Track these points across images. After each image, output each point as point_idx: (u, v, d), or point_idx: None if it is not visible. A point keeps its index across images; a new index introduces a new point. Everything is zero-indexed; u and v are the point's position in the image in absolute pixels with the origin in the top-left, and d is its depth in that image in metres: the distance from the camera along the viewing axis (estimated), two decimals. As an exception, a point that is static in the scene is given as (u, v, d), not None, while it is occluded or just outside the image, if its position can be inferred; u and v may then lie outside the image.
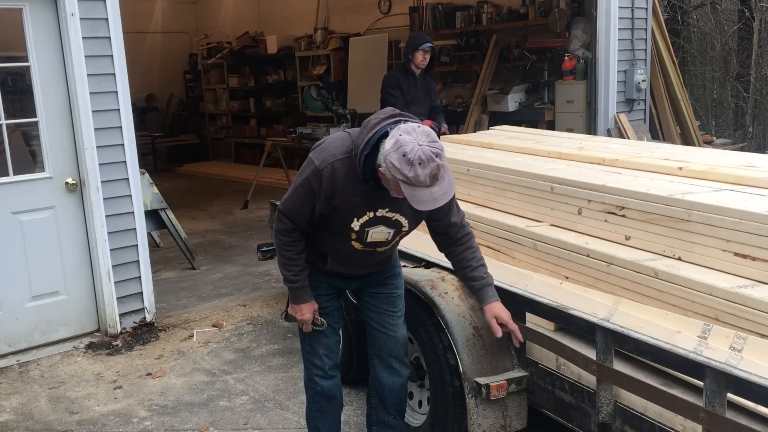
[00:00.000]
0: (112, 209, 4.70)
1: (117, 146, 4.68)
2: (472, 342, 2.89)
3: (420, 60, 5.77)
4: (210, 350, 4.59)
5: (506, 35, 8.78)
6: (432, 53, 5.94)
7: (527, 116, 8.00)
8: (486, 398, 2.78)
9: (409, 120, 2.47)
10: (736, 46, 13.20)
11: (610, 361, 2.45)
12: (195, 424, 3.66)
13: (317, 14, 11.54)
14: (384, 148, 2.36)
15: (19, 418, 3.80)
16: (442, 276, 3.18)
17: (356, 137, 2.52)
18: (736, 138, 11.59)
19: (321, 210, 2.58)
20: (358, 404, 3.76)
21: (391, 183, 2.39)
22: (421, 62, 5.78)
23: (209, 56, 13.45)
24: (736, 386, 2.04)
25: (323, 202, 2.56)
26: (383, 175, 2.38)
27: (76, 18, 4.40)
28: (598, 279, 2.88)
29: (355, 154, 2.48)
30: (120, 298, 4.81)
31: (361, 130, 2.52)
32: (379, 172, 2.40)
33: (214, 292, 5.79)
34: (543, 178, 3.33)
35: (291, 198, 2.64)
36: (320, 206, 2.57)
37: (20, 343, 4.60)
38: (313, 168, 2.53)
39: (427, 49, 5.83)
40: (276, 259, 2.90)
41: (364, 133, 2.46)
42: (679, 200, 2.69)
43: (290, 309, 2.84)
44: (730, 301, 2.38)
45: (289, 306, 2.85)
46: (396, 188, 2.38)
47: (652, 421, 2.39)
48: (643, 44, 7.42)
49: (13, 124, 4.51)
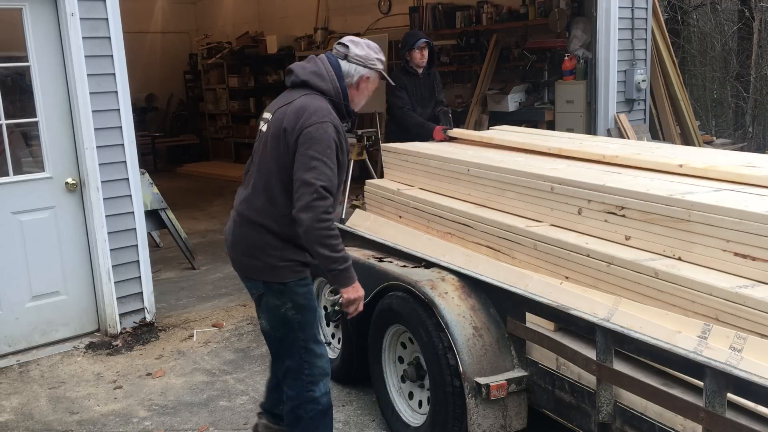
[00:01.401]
0: (112, 209, 4.70)
1: (117, 146, 4.68)
2: (472, 342, 2.89)
3: (419, 58, 5.64)
4: (210, 350, 4.59)
5: (506, 35, 8.79)
6: (430, 48, 5.77)
7: (527, 116, 8.01)
8: (486, 398, 2.78)
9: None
10: (736, 46, 13.21)
11: (610, 361, 2.45)
12: (195, 424, 3.66)
13: (317, 14, 11.54)
14: (349, 63, 2.83)
15: (19, 418, 3.80)
16: (442, 276, 3.18)
17: (324, 88, 2.79)
18: (736, 138, 11.59)
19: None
20: (358, 404, 3.76)
21: (365, 90, 2.81)
22: (420, 60, 5.66)
23: (209, 56, 13.45)
24: (736, 386, 2.04)
25: (338, 158, 2.68)
26: (359, 85, 2.77)
27: (76, 18, 4.41)
28: (598, 279, 2.88)
29: (335, 100, 2.77)
30: (120, 298, 4.81)
31: (319, 79, 2.81)
32: (353, 90, 2.76)
33: (214, 292, 5.79)
34: (543, 178, 3.33)
35: (324, 169, 2.57)
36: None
37: (20, 343, 4.60)
38: (326, 124, 2.63)
39: (423, 45, 5.66)
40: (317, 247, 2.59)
41: (327, 75, 2.81)
42: (679, 200, 2.69)
43: (348, 293, 2.63)
44: (730, 301, 2.38)
45: (342, 295, 2.65)
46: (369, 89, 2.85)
47: (652, 421, 2.39)
48: (643, 44, 7.42)
49: (13, 124, 4.52)
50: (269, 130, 2.81)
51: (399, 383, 3.42)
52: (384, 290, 3.35)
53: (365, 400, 3.77)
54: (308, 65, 2.89)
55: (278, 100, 2.93)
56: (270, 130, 2.81)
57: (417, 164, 4.35)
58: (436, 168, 4.13)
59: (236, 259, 2.88)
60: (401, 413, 3.35)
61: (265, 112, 2.94)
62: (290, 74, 2.93)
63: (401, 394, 3.40)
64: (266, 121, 2.87)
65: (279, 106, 2.86)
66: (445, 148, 4.50)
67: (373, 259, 3.62)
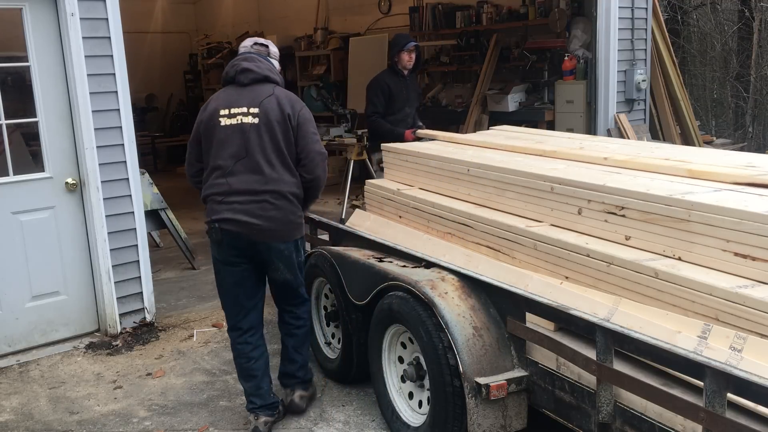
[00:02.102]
0: (112, 209, 4.70)
1: (117, 146, 4.68)
2: (472, 342, 2.89)
3: (407, 60, 5.84)
4: (210, 350, 4.59)
5: (506, 35, 8.79)
6: (417, 51, 5.99)
7: (527, 116, 8.01)
8: (486, 398, 2.78)
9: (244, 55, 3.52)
10: (736, 46, 13.21)
11: (610, 361, 2.45)
12: (195, 424, 3.66)
13: (317, 14, 11.54)
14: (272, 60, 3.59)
15: (19, 418, 3.80)
16: (442, 276, 3.18)
17: (279, 81, 3.50)
18: (736, 138, 11.59)
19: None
20: (358, 404, 3.76)
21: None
22: (408, 62, 5.85)
23: (209, 56, 13.46)
24: (736, 386, 2.04)
25: None
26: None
27: (76, 18, 4.41)
28: (598, 279, 2.88)
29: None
30: (120, 298, 4.81)
31: (275, 75, 3.49)
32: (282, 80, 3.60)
33: (214, 292, 5.73)
34: (543, 178, 3.33)
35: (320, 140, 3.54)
36: None
37: (20, 343, 4.60)
38: (306, 107, 3.48)
39: (412, 48, 5.87)
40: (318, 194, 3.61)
41: (275, 70, 3.53)
42: (679, 200, 2.69)
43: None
44: (730, 301, 2.38)
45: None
46: None
47: (652, 421, 2.39)
48: (643, 44, 7.42)
49: (13, 124, 4.51)
50: (261, 119, 3.33)
51: (399, 383, 3.42)
52: (384, 290, 3.34)
53: (365, 400, 3.77)
54: (261, 64, 3.48)
55: (243, 95, 3.39)
56: (263, 120, 3.33)
57: (417, 164, 4.35)
58: (436, 168, 4.14)
59: (266, 228, 3.33)
60: (401, 413, 3.35)
61: (238, 107, 3.37)
62: (249, 72, 3.42)
63: (401, 394, 3.40)
64: (247, 114, 3.34)
65: (260, 99, 3.37)
66: (445, 148, 4.50)
67: (373, 259, 3.62)
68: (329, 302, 4.10)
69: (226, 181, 3.33)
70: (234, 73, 3.44)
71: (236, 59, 3.50)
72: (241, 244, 3.36)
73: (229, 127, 3.34)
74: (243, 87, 3.42)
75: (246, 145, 3.31)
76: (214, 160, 3.37)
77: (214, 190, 3.36)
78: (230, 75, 3.46)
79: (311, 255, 4.05)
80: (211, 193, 3.38)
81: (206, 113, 3.43)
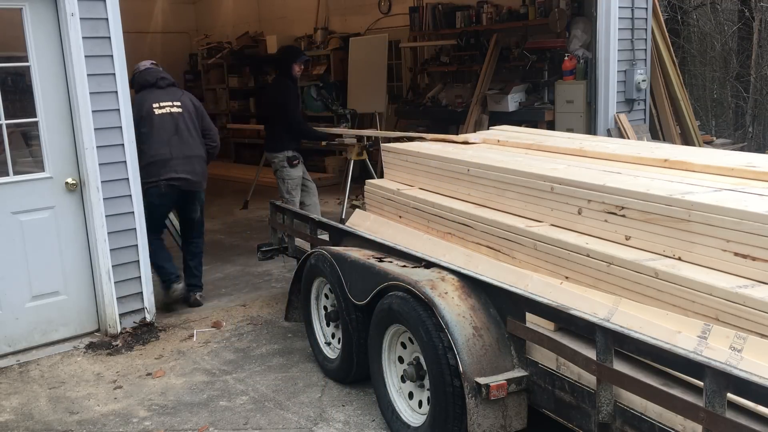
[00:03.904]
0: (112, 209, 4.70)
1: (117, 146, 4.68)
2: (472, 342, 2.89)
3: (297, 71, 6.52)
4: (210, 350, 4.59)
5: (506, 35, 8.79)
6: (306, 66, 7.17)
7: (527, 116, 8.01)
8: (486, 398, 2.78)
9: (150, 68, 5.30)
10: (736, 46, 13.21)
11: (610, 361, 2.45)
12: (195, 424, 3.66)
13: (317, 14, 11.54)
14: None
15: (19, 418, 3.80)
16: (442, 276, 3.18)
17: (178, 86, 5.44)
18: (736, 138, 11.59)
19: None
20: (358, 404, 3.76)
21: None
22: (298, 72, 6.57)
23: (209, 56, 13.45)
24: (736, 386, 2.04)
25: None
26: None
27: (76, 18, 4.40)
28: (598, 279, 2.88)
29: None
30: (120, 298, 4.81)
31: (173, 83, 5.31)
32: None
33: (214, 292, 5.79)
34: (543, 178, 3.33)
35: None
36: None
37: (20, 343, 4.60)
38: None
39: (306, 60, 6.88)
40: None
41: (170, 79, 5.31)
42: (679, 200, 2.69)
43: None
44: (730, 301, 2.38)
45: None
46: None
47: (652, 421, 2.39)
48: (643, 44, 7.42)
49: (13, 124, 4.51)
50: (184, 110, 5.14)
51: (399, 383, 3.42)
52: (384, 290, 3.35)
53: (365, 400, 3.77)
54: (167, 74, 5.29)
55: (166, 94, 5.13)
56: (185, 111, 5.15)
57: (417, 164, 4.35)
58: (436, 168, 4.14)
59: (196, 181, 5.15)
60: (401, 413, 3.35)
61: (165, 102, 5.08)
62: (165, 79, 5.19)
63: (401, 394, 3.40)
64: (173, 106, 5.09)
65: (178, 96, 5.18)
66: (445, 148, 4.50)
67: (373, 259, 3.62)
68: (329, 302, 4.10)
69: (168, 151, 4.98)
70: (154, 80, 5.11)
71: (148, 70, 5.19)
72: (175, 193, 5.09)
73: (163, 115, 5.04)
74: (162, 89, 5.11)
75: (177, 126, 5.06)
76: (156, 138, 4.96)
77: (158, 158, 4.95)
78: (150, 81, 5.10)
79: (311, 255, 4.05)
80: (154, 160, 4.94)
81: (143, 109, 4.96)
